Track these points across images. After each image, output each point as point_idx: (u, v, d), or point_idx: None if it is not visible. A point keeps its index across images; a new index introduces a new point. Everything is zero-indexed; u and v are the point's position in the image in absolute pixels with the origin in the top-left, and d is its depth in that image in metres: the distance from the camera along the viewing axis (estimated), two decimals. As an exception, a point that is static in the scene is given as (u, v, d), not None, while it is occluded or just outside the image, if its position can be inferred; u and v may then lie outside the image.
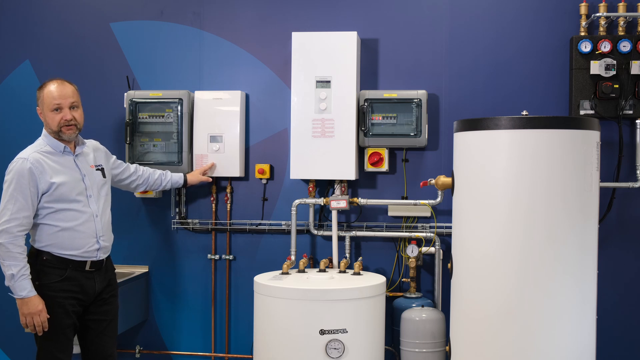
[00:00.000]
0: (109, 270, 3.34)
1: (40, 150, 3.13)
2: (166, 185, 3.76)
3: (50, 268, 3.10)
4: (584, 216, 2.75)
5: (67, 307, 3.12)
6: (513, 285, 2.73)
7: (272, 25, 4.07)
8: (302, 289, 3.33)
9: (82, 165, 3.21)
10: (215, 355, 4.15)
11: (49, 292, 3.08)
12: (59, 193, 3.08)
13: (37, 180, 3.05)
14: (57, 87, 3.13)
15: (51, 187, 3.07)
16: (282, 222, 4.03)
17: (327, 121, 3.78)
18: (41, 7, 4.25)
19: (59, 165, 3.13)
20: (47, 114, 3.12)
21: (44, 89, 3.15)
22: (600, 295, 2.98)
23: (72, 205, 3.12)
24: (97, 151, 3.37)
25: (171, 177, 3.77)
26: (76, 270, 3.13)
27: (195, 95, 3.99)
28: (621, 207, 3.83)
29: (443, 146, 3.94)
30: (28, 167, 3.04)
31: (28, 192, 3.03)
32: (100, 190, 3.27)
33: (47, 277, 3.10)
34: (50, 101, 3.11)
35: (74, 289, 3.13)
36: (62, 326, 3.11)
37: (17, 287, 3.00)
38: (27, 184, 3.03)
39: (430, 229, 3.91)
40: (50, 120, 3.12)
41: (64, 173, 3.13)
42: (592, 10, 3.75)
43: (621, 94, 3.69)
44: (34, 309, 3.00)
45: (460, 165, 2.94)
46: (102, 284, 3.25)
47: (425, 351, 3.62)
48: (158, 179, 3.72)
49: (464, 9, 3.93)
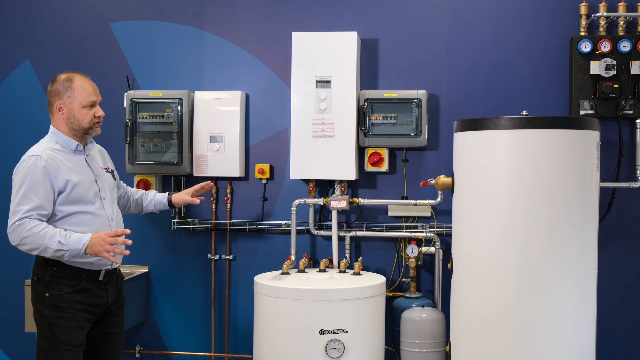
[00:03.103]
0: (119, 280, 3.07)
1: (51, 147, 2.85)
2: (148, 206, 3.35)
3: (61, 279, 2.81)
4: (584, 216, 2.75)
5: (80, 321, 2.83)
6: (513, 285, 2.73)
7: (272, 25, 4.07)
8: (302, 289, 3.33)
9: (94, 165, 2.97)
10: (215, 355, 4.15)
11: (60, 304, 2.79)
12: (75, 194, 2.81)
13: (53, 178, 2.77)
14: (89, 82, 2.92)
15: (67, 186, 2.79)
16: (282, 222, 4.04)
17: (327, 121, 3.78)
18: (41, 7, 4.25)
19: (72, 164, 2.87)
20: (78, 110, 2.87)
21: (75, 83, 2.88)
22: (600, 295, 2.97)
23: (88, 208, 2.85)
24: (103, 154, 3.15)
25: (153, 197, 3.36)
26: (90, 281, 2.85)
27: (195, 95, 3.99)
28: (621, 207, 3.83)
29: (443, 146, 3.94)
30: (43, 165, 2.76)
31: (43, 192, 2.74)
32: (112, 193, 3.03)
33: (58, 288, 2.80)
34: (85, 97, 2.88)
35: (86, 300, 2.85)
36: (74, 344, 2.81)
37: (73, 248, 2.70)
38: (42, 182, 2.75)
39: (430, 229, 3.91)
40: (82, 116, 2.88)
41: (78, 173, 2.86)
42: (592, 10, 3.75)
43: (621, 94, 3.69)
44: (99, 241, 2.71)
45: (460, 165, 2.94)
46: (113, 295, 2.98)
47: (425, 351, 3.62)
48: (139, 198, 3.35)
49: (464, 9, 3.93)
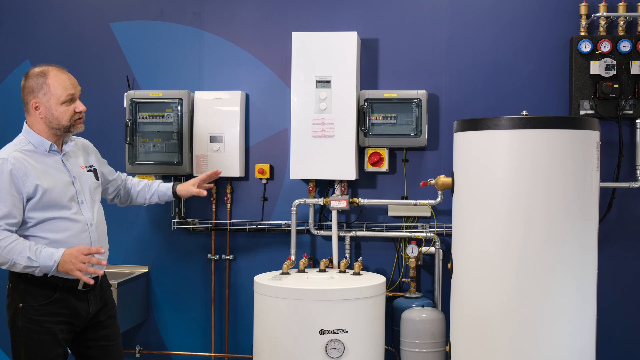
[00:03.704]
0: (105, 288, 2.86)
1: (21, 148, 2.66)
2: (152, 197, 3.18)
3: (35, 287, 2.63)
4: (584, 216, 2.75)
5: (57, 334, 2.66)
6: (513, 285, 2.73)
7: (272, 25, 4.07)
8: (302, 289, 3.33)
9: (71, 166, 2.77)
10: (215, 355, 4.15)
11: (34, 317, 2.62)
12: (48, 199, 2.62)
13: (20, 183, 2.59)
14: (65, 74, 2.71)
15: (37, 191, 2.60)
16: (282, 222, 4.03)
17: (327, 121, 3.78)
18: (41, 7, 4.25)
19: (45, 166, 2.67)
20: (56, 106, 2.67)
21: (49, 78, 2.67)
22: (600, 295, 2.97)
23: (63, 213, 2.66)
24: (86, 150, 2.93)
25: (157, 188, 3.19)
26: (66, 291, 2.67)
27: (195, 95, 3.98)
28: (621, 207, 3.83)
29: (443, 146, 3.94)
30: (9, 169, 2.58)
31: (10, 198, 2.56)
32: (93, 195, 2.82)
33: (33, 299, 2.63)
34: (62, 92, 2.67)
35: (63, 311, 2.67)
36: (51, 356, 2.65)
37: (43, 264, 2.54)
38: (9, 188, 2.57)
39: (430, 229, 3.91)
40: (60, 113, 2.68)
41: (51, 175, 2.67)
42: (592, 10, 3.75)
43: (621, 94, 3.69)
44: (72, 258, 2.54)
45: (460, 165, 2.94)
46: (97, 305, 2.79)
47: (425, 351, 3.62)
48: (141, 190, 3.17)
49: (463, 9, 3.93)
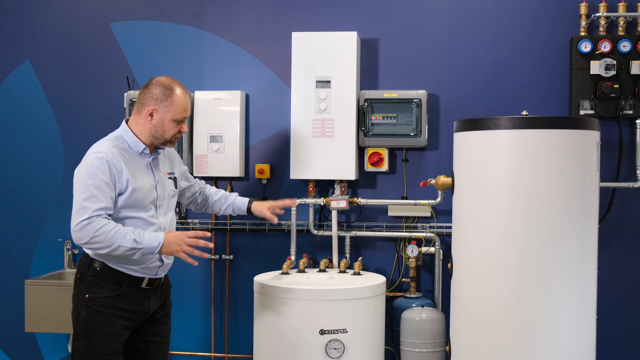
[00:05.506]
0: (165, 288, 2.97)
1: (117, 145, 2.74)
2: (227, 209, 3.24)
3: (102, 281, 2.73)
4: (584, 216, 2.75)
5: (118, 328, 2.74)
6: (513, 285, 2.73)
7: (272, 25, 4.07)
8: (302, 289, 3.33)
9: (157, 171, 2.85)
10: (215, 355, 4.14)
11: (99, 308, 2.71)
12: (133, 198, 2.71)
13: (116, 179, 2.67)
14: (187, 97, 2.83)
15: (128, 188, 2.69)
16: (282, 222, 4.03)
17: (327, 121, 3.78)
18: (41, 7, 4.25)
19: (135, 167, 2.75)
20: (169, 121, 2.77)
21: (175, 95, 2.78)
22: (600, 295, 2.97)
23: (141, 214, 2.74)
24: (171, 158, 3.01)
25: (233, 201, 3.23)
26: (131, 287, 2.76)
27: (195, 95, 3.98)
28: (621, 207, 3.83)
29: (443, 146, 3.94)
30: (108, 165, 2.65)
31: (109, 191, 2.64)
32: (169, 202, 2.90)
33: (99, 291, 2.72)
34: (181, 111, 2.79)
35: (126, 306, 2.76)
36: (108, 352, 2.72)
37: (148, 245, 2.63)
38: (109, 182, 2.64)
39: (430, 229, 3.91)
40: (168, 128, 2.78)
41: (140, 176, 2.75)
42: (592, 10, 3.75)
43: (621, 94, 3.69)
44: (177, 240, 2.66)
45: (460, 165, 2.94)
46: (157, 303, 2.89)
47: (425, 351, 3.62)
48: (219, 200, 3.24)
49: (463, 9, 3.93)
